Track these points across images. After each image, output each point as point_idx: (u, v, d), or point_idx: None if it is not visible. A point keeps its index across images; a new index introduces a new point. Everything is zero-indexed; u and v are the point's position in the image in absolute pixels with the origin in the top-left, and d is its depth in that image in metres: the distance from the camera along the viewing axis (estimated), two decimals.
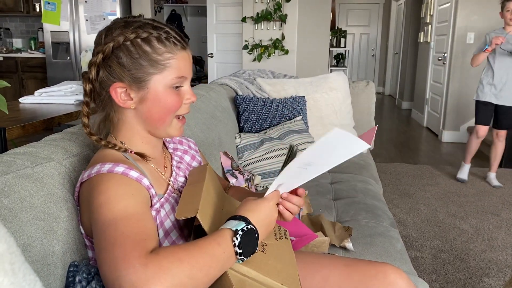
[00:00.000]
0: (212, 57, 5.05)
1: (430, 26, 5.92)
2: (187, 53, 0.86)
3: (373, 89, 2.79)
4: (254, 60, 4.63)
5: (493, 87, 3.31)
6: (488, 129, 3.44)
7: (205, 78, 5.95)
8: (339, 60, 7.66)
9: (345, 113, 2.53)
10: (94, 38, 0.88)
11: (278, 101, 2.31)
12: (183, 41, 0.85)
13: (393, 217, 1.73)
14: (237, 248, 0.71)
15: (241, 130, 2.23)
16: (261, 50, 4.56)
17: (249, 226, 0.74)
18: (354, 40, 9.94)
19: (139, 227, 0.69)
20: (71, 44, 5.08)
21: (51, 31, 5.09)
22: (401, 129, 6.01)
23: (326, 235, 1.38)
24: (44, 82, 5.35)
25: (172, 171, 0.95)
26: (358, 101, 2.74)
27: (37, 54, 5.48)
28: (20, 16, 5.99)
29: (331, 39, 6.83)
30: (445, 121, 5.17)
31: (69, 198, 0.84)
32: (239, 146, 2.03)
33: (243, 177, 1.76)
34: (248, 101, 2.21)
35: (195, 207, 0.77)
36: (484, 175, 3.66)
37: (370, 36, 9.96)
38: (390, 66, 9.61)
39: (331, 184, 2.01)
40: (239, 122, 2.23)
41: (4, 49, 5.73)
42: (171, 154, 0.99)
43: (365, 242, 1.42)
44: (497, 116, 3.37)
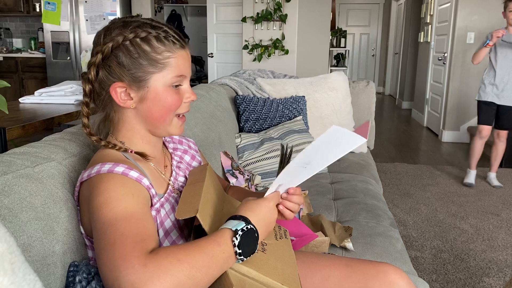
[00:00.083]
0: (212, 57, 5.05)
1: (430, 26, 5.92)
2: (186, 52, 0.86)
3: (373, 89, 2.79)
4: (254, 60, 4.63)
5: (495, 87, 3.31)
6: (491, 129, 3.42)
7: (205, 78, 5.95)
8: (339, 60, 7.66)
9: (345, 113, 2.53)
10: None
11: (278, 101, 2.31)
12: (182, 40, 0.86)
13: (393, 217, 1.73)
14: (237, 248, 0.71)
15: (241, 130, 2.23)
16: (261, 50, 4.56)
17: (249, 226, 0.73)
18: (354, 40, 9.94)
19: (139, 227, 0.69)
20: (71, 44, 5.08)
21: (51, 31, 5.10)
22: (401, 129, 6.01)
23: (326, 235, 1.38)
24: (44, 82, 5.35)
25: (172, 171, 0.95)
26: (358, 101, 2.74)
27: (37, 54, 5.49)
28: (20, 16, 5.99)
29: (331, 39, 6.83)
30: (445, 121, 5.17)
31: (69, 198, 0.84)
32: (239, 146, 2.03)
33: (243, 177, 1.76)
34: (248, 101, 2.21)
35: (195, 207, 0.77)
36: (484, 175, 3.66)
37: (370, 36, 9.96)
38: (390, 66, 9.61)
39: (331, 184, 2.01)
40: (239, 122, 2.23)
41: (4, 49, 5.73)
42: (171, 154, 0.99)
43: (365, 242, 1.42)
44: (498, 116, 3.37)
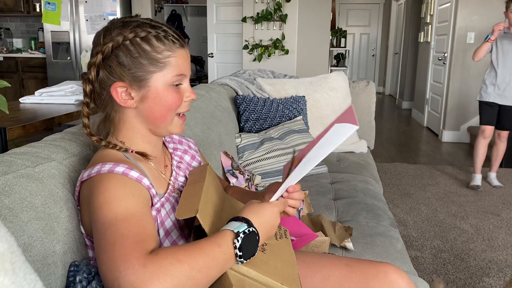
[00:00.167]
0: (212, 57, 5.05)
1: (430, 26, 5.92)
2: (185, 51, 0.86)
3: (373, 89, 2.79)
4: (254, 60, 4.63)
5: (497, 88, 3.29)
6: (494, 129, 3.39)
7: (205, 78, 5.95)
8: (339, 60, 7.66)
9: None
10: None
11: (278, 101, 2.31)
12: (181, 39, 0.86)
13: (393, 217, 1.73)
14: (237, 250, 0.71)
15: (241, 130, 2.23)
16: (261, 50, 4.56)
17: (250, 228, 0.73)
18: (354, 40, 9.94)
19: (139, 227, 0.69)
20: (71, 44, 5.09)
21: (51, 31, 5.10)
22: (401, 129, 6.01)
23: (326, 235, 1.38)
24: (45, 82, 5.35)
25: (172, 171, 0.95)
26: (358, 101, 2.74)
27: (38, 54, 5.49)
28: (21, 16, 5.99)
29: (331, 39, 6.83)
30: (445, 121, 5.17)
31: (70, 198, 0.84)
32: (239, 146, 2.03)
33: (244, 177, 1.76)
34: (248, 101, 2.21)
35: (195, 207, 0.77)
36: (484, 175, 3.66)
37: (370, 36, 9.96)
38: (390, 66, 9.61)
39: (332, 184, 2.01)
40: (239, 122, 2.23)
41: (5, 49, 5.73)
42: (171, 154, 0.99)
43: (365, 242, 1.42)
44: (499, 116, 3.35)
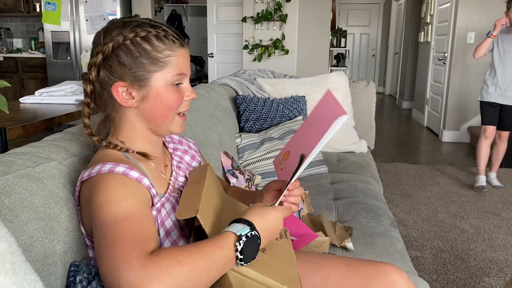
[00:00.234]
0: (212, 57, 5.06)
1: (430, 26, 5.92)
2: (185, 50, 0.87)
3: (373, 89, 2.79)
4: (255, 60, 4.63)
5: (498, 88, 3.29)
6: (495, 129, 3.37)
7: (206, 78, 5.95)
8: (339, 60, 7.66)
9: None
10: None
11: (278, 101, 2.31)
12: (181, 39, 0.87)
13: (393, 217, 1.73)
14: (238, 254, 0.71)
15: (241, 130, 2.23)
16: (261, 50, 4.56)
17: (253, 232, 0.73)
18: (354, 40, 9.94)
19: (139, 227, 0.69)
20: (72, 44, 5.09)
21: (51, 31, 5.10)
22: (401, 129, 6.01)
23: (326, 235, 1.38)
24: (45, 82, 5.35)
25: (172, 171, 0.95)
26: (359, 101, 2.74)
27: (38, 54, 5.49)
28: (21, 16, 5.99)
29: (331, 39, 6.83)
30: (445, 121, 5.17)
31: (70, 198, 0.84)
32: (239, 146, 2.03)
33: (244, 177, 1.76)
34: (248, 101, 2.21)
35: (196, 207, 0.76)
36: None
37: (371, 36, 9.96)
38: (390, 66, 9.61)
39: (332, 184, 2.01)
40: (239, 122, 2.23)
41: (5, 49, 5.73)
42: (171, 154, 0.99)
43: (365, 242, 1.42)
44: (501, 117, 3.34)
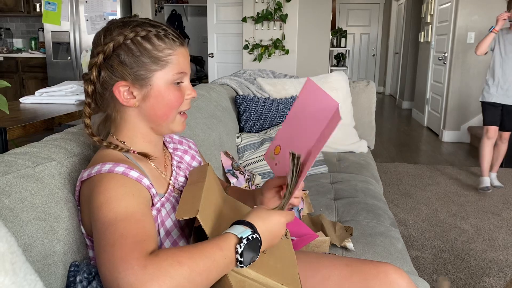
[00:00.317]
0: (212, 57, 5.05)
1: (430, 25, 5.92)
2: (185, 49, 0.87)
3: (373, 89, 2.79)
4: (255, 60, 4.63)
5: (500, 88, 3.28)
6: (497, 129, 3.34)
7: (206, 78, 5.95)
8: (339, 60, 7.66)
9: (345, 113, 2.53)
10: None
11: (278, 101, 2.31)
12: (181, 38, 0.87)
13: (393, 217, 1.73)
14: (238, 256, 0.70)
15: (241, 130, 2.23)
16: (262, 50, 4.56)
17: (254, 235, 0.72)
18: (354, 40, 9.94)
19: (139, 228, 0.69)
20: (72, 44, 5.09)
21: (51, 31, 5.10)
22: (401, 128, 6.01)
23: (326, 235, 1.38)
24: (45, 82, 5.35)
25: (172, 171, 0.95)
26: (359, 101, 2.74)
27: (38, 54, 5.49)
28: (21, 16, 5.99)
29: (331, 39, 6.82)
30: (445, 121, 5.17)
31: (70, 198, 0.84)
32: (239, 146, 2.03)
33: (244, 177, 1.76)
34: (248, 101, 2.21)
35: (195, 208, 0.76)
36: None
37: (371, 36, 9.96)
38: (390, 65, 9.61)
39: (332, 184, 2.01)
40: (239, 122, 2.23)
41: (5, 49, 5.73)
42: (171, 154, 0.99)
43: (365, 242, 1.42)
44: (502, 117, 3.32)
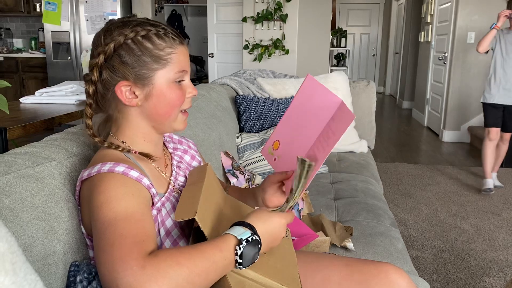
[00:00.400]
0: (212, 57, 5.05)
1: (430, 25, 5.92)
2: (185, 48, 0.88)
3: (373, 89, 2.79)
4: (255, 60, 4.63)
5: (502, 88, 3.27)
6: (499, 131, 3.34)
7: (206, 78, 5.95)
8: (339, 60, 7.66)
9: None
10: None
11: (278, 101, 2.31)
12: (180, 37, 0.88)
13: (393, 216, 1.73)
14: (238, 257, 0.70)
15: (241, 130, 2.23)
16: (262, 50, 4.56)
17: (254, 237, 0.72)
18: (354, 40, 9.94)
19: (138, 228, 0.69)
20: (72, 44, 5.09)
21: (51, 31, 5.10)
22: (401, 128, 6.01)
23: (327, 235, 1.38)
24: (45, 82, 5.35)
25: (172, 170, 0.95)
26: (359, 100, 2.74)
27: (38, 54, 5.49)
28: (21, 16, 5.99)
29: (331, 39, 6.82)
30: (445, 121, 5.17)
31: (70, 198, 0.84)
32: (239, 146, 2.03)
33: (244, 177, 1.76)
34: (248, 101, 2.21)
35: (194, 209, 0.76)
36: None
37: (371, 35, 9.96)
38: (390, 65, 9.61)
39: (332, 184, 2.01)
40: (239, 122, 2.23)
41: (5, 49, 5.73)
42: (171, 153, 0.99)
43: (366, 242, 1.42)
44: (503, 118, 3.31)
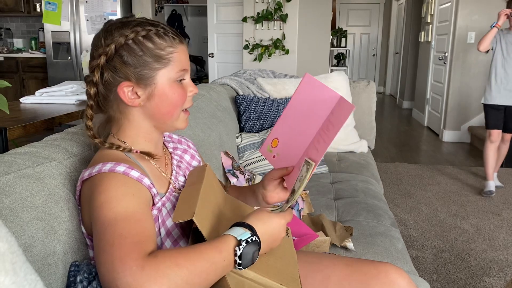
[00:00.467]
0: (212, 57, 5.05)
1: (430, 25, 5.91)
2: (185, 46, 0.88)
3: (373, 89, 2.79)
4: (255, 60, 4.63)
5: (503, 89, 3.26)
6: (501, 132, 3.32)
7: (206, 78, 5.95)
8: (339, 60, 7.65)
9: None
10: None
11: (278, 101, 2.31)
12: (179, 35, 0.88)
13: (394, 216, 1.73)
14: (237, 258, 0.70)
15: (241, 130, 2.23)
16: (262, 50, 4.56)
17: (254, 237, 0.72)
18: (354, 40, 9.93)
19: (138, 228, 0.69)
20: (72, 44, 5.09)
21: (51, 31, 5.10)
22: (402, 128, 6.01)
23: (327, 235, 1.38)
24: (45, 82, 5.35)
25: (172, 170, 0.95)
26: (359, 100, 2.74)
27: (38, 54, 5.49)
28: (21, 16, 5.99)
29: (331, 39, 6.82)
30: (446, 121, 5.17)
31: (70, 198, 0.84)
32: (239, 146, 2.03)
33: (244, 177, 1.76)
34: (248, 101, 2.21)
35: (192, 210, 0.76)
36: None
37: (371, 35, 9.95)
38: (390, 65, 9.61)
39: (332, 184, 2.01)
40: (239, 122, 2.23)
41: (5, 49, 5.73)
42: (171, 153, 0.99)
43: (366, 242, 1.42)
44: (505, 118, 3.30)
